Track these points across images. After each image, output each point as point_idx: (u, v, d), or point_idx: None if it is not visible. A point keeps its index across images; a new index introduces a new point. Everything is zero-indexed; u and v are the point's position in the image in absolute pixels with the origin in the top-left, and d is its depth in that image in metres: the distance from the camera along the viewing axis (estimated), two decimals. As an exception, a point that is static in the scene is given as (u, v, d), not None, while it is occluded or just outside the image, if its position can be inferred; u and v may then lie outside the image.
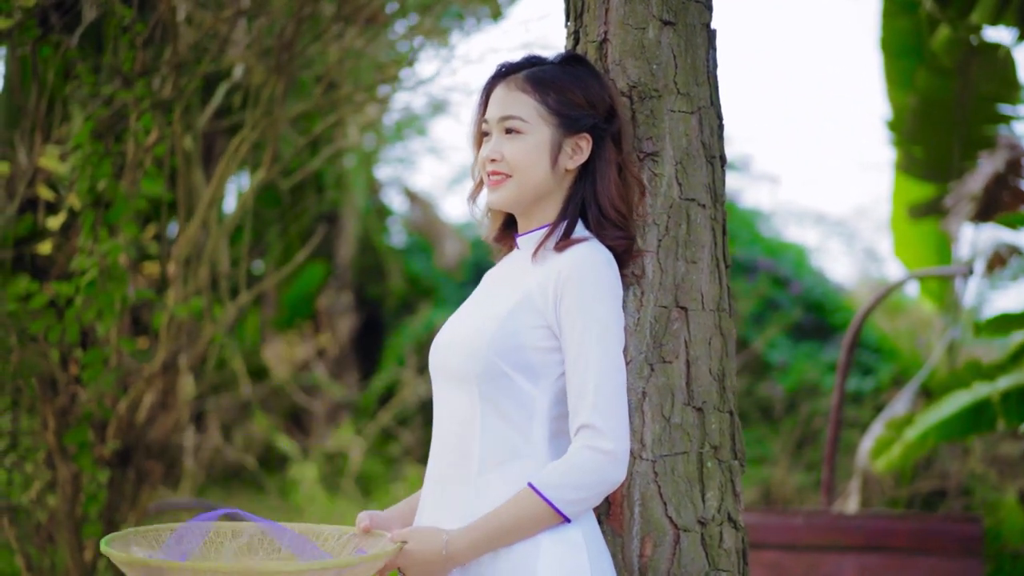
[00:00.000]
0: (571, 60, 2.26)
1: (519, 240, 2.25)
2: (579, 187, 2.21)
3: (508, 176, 2.19)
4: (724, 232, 2.37)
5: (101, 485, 3.72)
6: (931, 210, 7.09)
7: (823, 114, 20.32)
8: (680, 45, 2.34)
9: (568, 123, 2.18)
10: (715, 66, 2.39)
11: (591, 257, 2.12)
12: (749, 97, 19.99)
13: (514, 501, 2.05)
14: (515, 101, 2.19)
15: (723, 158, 2.38)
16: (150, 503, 3.97)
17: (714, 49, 2.39)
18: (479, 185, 2.29)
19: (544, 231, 2.21)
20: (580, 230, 2.20)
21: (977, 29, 6.08)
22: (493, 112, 2.22)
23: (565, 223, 2.19)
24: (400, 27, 5.41)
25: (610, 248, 2.18)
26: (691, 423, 2.29)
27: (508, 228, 2.32)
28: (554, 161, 2.18)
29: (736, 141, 14.25)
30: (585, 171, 2.22)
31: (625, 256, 2.22)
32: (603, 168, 2.20)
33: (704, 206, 2.33)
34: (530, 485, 2.05)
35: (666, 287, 2.29)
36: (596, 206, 2.19)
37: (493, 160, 2.20)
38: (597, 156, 2.21)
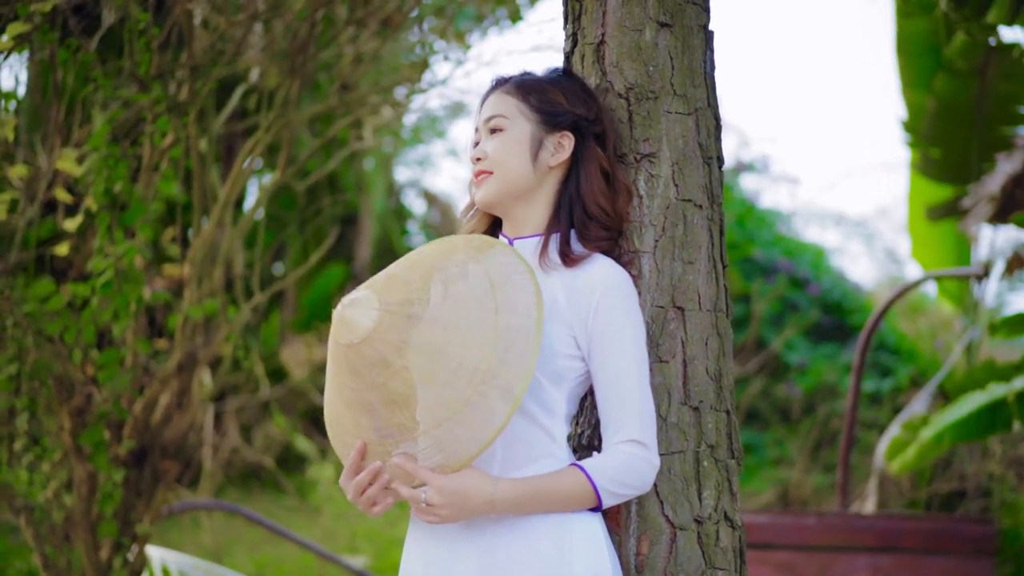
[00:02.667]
0: (559, 72, 2.34)
1: (515, 243, 2.26)
2: (566, 190, 2.25)
3: (491, 173, 2.24)
4: (721, 233, 2.37)
5: (116, 484, 3.74)
6: (949, 211, 7.04)
7: (844, 114, 20.26)
8: (677, 47, 2.35)
9: (549, 120, 2.23)
10: (712, 68, 2.41)
11: (621, 275, 2.17)
12: (769, 99, 19.95)
13: (560, 474, 2.08)
14: (500, 102, 2.26)
15: (720, 159, 2.40)
16: (165, 503, 4.00)
17: (711, 51, 2.41)
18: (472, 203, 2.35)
19: (540, 239, 2.23)
20: (572, 238, 2.23)
21: (993, 29, 6.03)
22: (481, 117, 2.29)
23: (559, 233, 2.22)
24: (417, 29, 5.42)
25: (596, 249, 2.22)
26: (688, 422, 2.30)
27: (492, 231, 2.34)
28: (535, 156, 2.22)
29: (755, 142, 14.20)
30: (570, 174, 2.26)
31: (610, 256, 2.25)
32: (587, 167, 2.24)
33: (701, 207, 2.34)
34: (577, 466, 2.09)
35: (663, 287, 2.31)
36: (580, 205, 2.23)
37: (478, 159, 2.26)
38: (580, 156, 2.25)
